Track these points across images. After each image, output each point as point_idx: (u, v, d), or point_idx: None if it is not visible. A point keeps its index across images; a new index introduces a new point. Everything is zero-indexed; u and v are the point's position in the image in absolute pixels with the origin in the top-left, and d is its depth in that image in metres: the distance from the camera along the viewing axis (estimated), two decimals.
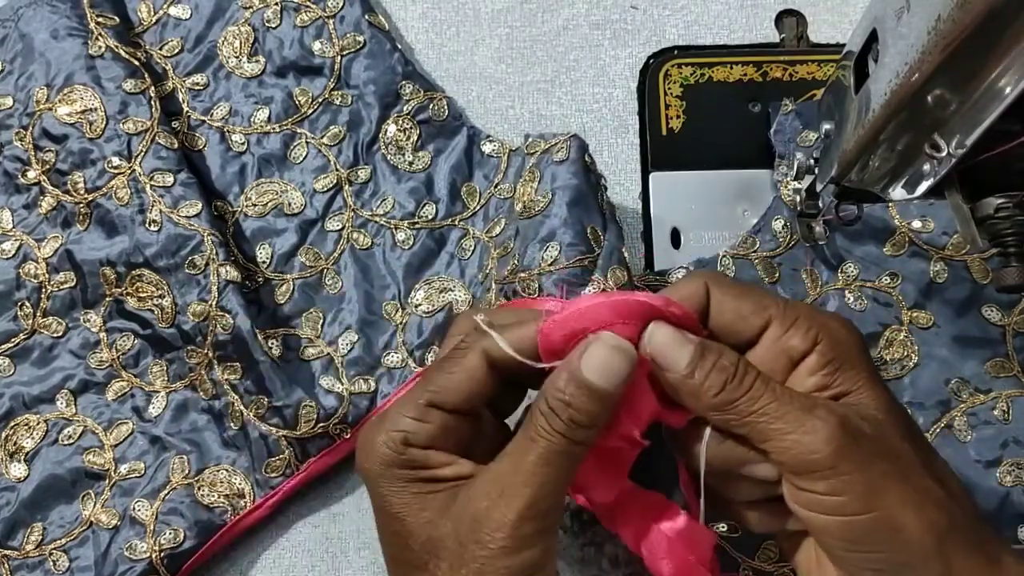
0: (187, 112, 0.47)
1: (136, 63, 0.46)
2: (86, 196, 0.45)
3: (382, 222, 0.46)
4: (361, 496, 0.44)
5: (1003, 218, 0.34)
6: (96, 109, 0.45)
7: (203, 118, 0.47)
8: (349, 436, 0.43)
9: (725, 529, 0.42)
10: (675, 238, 0.47)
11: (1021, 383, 0.44)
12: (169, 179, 0.44)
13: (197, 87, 0.47)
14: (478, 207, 0.46)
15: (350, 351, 0.45)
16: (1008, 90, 0.30)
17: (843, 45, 0.40)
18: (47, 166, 0.45)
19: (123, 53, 0.46)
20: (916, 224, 0.45)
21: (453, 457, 0.32)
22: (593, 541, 0.44)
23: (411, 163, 0.47)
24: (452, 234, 0.46)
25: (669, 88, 0.49)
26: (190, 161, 0.46)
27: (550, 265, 0.40)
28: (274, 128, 0.47)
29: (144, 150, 0.44)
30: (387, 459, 0.31)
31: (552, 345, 0.31)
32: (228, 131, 0.47)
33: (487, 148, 0.47)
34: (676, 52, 0.50)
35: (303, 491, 0.44)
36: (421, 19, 0.51)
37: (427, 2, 0.51)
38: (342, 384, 0.44)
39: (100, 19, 0.46)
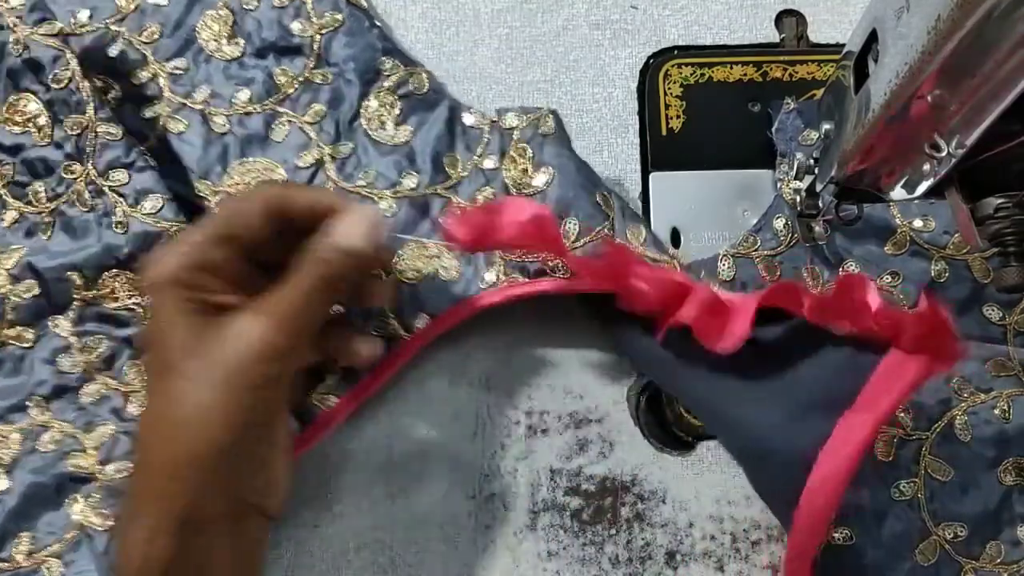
0: (168, 96, 0.47)
1: (56, 46, 0.45)
2: (48, 205, 0.44)
3: (364, 193, 0.46)
4: (361, 496, 0.44)
5: (1003, 218, 0.34)
6: (39, 114, 0.44)
7: (184, 101, 0.47)
8: (336, 406, 0.43)
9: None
10: (675, 238, 0.47)
11: (1022, 382, 0.44)
12: (123, 176, 0.44)
13: (178, 71, 0.47)
14: (461, 176, 0.46)
15: (336, 319, 0.44)
16: (1008, 90, 0.30)
17: (843, 45, 0.40)
18: (4, 179, 0.45)
19: (39, 38, 0.45)
20: (917, 223, 0.45)
21: (228, 287, 0.36)
22: (593, 541, 0.44)
23: (393, 137, 0.47)
24: (435, 203, 0.46)
25: (669, 88, 0.49)
26: (169, 145, 0.46)
27: (575, 241, 0.43)
28: (255, 108, 0.47)
29: (91, 148, 0.44)
30: (168, 277, 0.34)
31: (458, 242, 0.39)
32: (210, 113, 0.47)
33: (469, 120, 0.47)
34: (676, 52, 0.50)
35: (303, 491, 0.44)
36: (421, 19, 0.51)
37: (427, 2, 0.51)
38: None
39: (10, 4, 0.45)
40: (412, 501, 0.44)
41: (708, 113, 0.49)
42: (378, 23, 0.48)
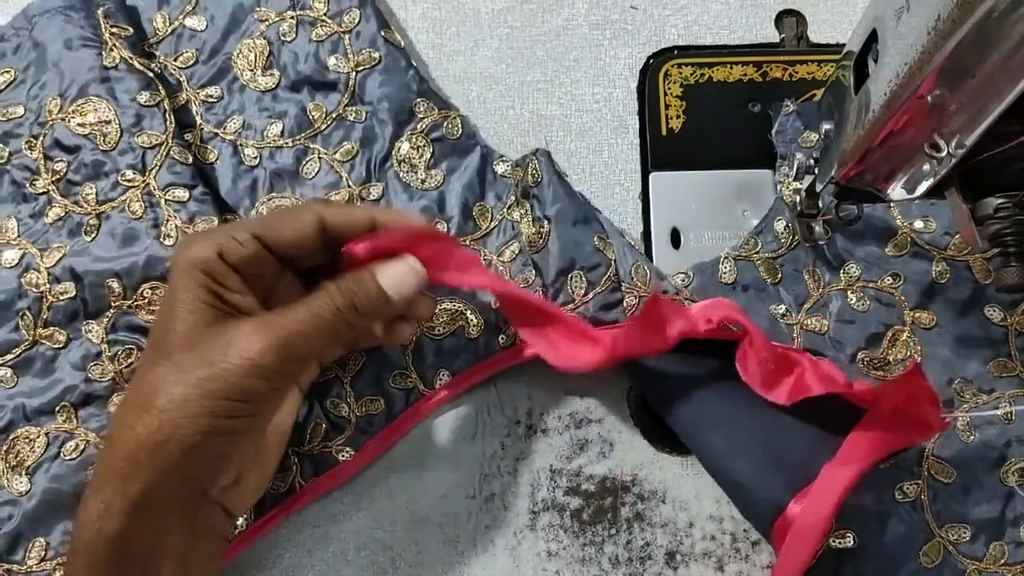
0: (200, 124, 0.47)
1: (150, 75, 0.45)
2: (97, 207, 0.44)
3: None
4: (361, 496, 0.44)
5: (1003, 218, 0.34)
6: (110, 121, 0.44)
7: (216, 131, 0.47)
8: (351, 458, 0.43)
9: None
10: (675, 238, 0.47)
11: (1023, 382, 0.44)
12: (184, 194, 0.44)
13: (211, 99, 0.47)
14: (490, 227, 0.46)
15: (358, 371, 0.44)
16: (1008, 90, 0.30)
17: (843, 45, 0.40)
18: (57, 176, 0.45)
19: (137, 65, 0.45)
20: (918, 224, 0.45)
21: (246, 290, 0.36)
22: (593, 541, 0.44)
23: (423, 181, 0.46)
24: None
25: (669, 88, 0.49)
26: (203, 174, 0.46)
27: (584, 296, 0.43)
28: (287, 143, 0.46)
29: (159, 164, 0.44)
30: (196, 261, 0.35)
31: (353, 254, 0.37)
32: (241, 144, 0.46)
33: (500, 168, 0.47)
34: (676, 52, 0.50)
35: None
36: (421, 19, 0.51)
37: (427, 2, 0.51)
38: (348, 406, 0.43)
39: (114, 30, 0.46)
40: (412, 501, 0.44)
41: (708, 113, 0.49)
42: (415, 64, 0.47)
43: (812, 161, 0.43)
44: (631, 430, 0.45)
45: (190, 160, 0.44)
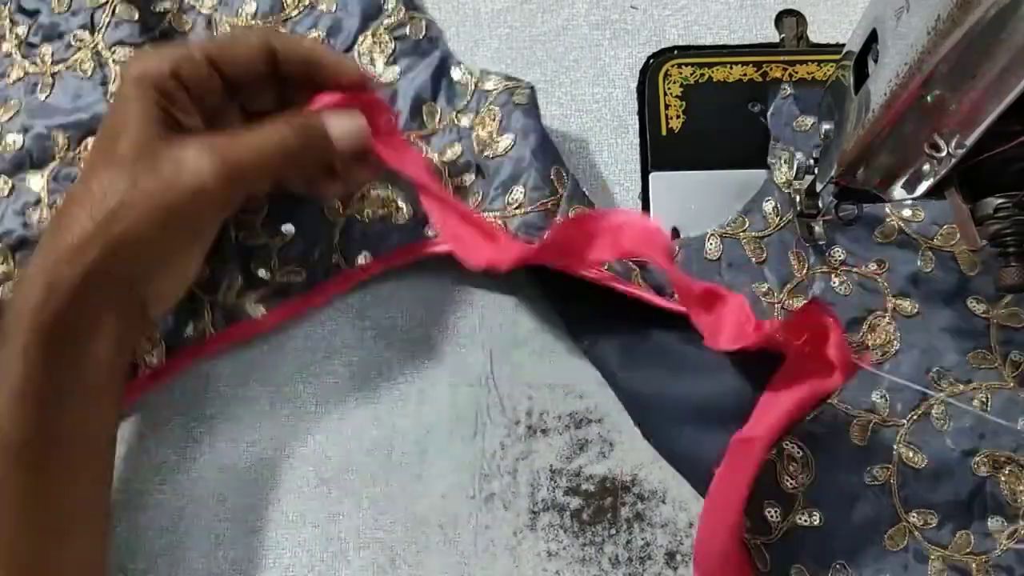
0: None
1: None
2: (51, 67, 0.46)
3: None
4: (361, 496, 0.44)
5: (1003, 218, 0.34)
6: None
7: (194, 3, 0.49)
8: (262, 317, 0.45)
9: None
10: (675, 238, 0.47)
11: (1002, 375, 0.44)
12: (130, 53, 0.46)
13: None
14: (435, 128, 0.47)
15: (287, 243, 0.45)
16: (1008, 90, 0.30)
17: (843, 45, 0.40)
18: (19, 39, 0.47)
19: None
20: (906, 213, 0.46)
21: (194, 112, 0.38)
22: (593, 541, 0.44)
23: (381, 75, 0.47)
24: None
25: (669, 88, 0.49)
26: (171, 40, 0.48)
27: (516, 208, 0.44)
28: (257, 22, 0.48)
29: (106, 22, 0.46)
30: (149, 74, 0.36)
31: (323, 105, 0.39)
32: (215, 19, 0.48)
33: (456, 75, 0.47)
34: (676, 52, 0.50)
35: (302, 489, 0.44)
36: None
37: (427, 2, 0.51)
38: (270, 271, 0.45)
39: None
40: (412, 501, 0.44)
41: (708, 113, 0.49)
42: None
43: (812, 161, 0.43)
44: (631, 430, 0.45)
45: (136, 17, 0.46)
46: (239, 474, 0.45)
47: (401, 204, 0.45)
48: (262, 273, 0.45)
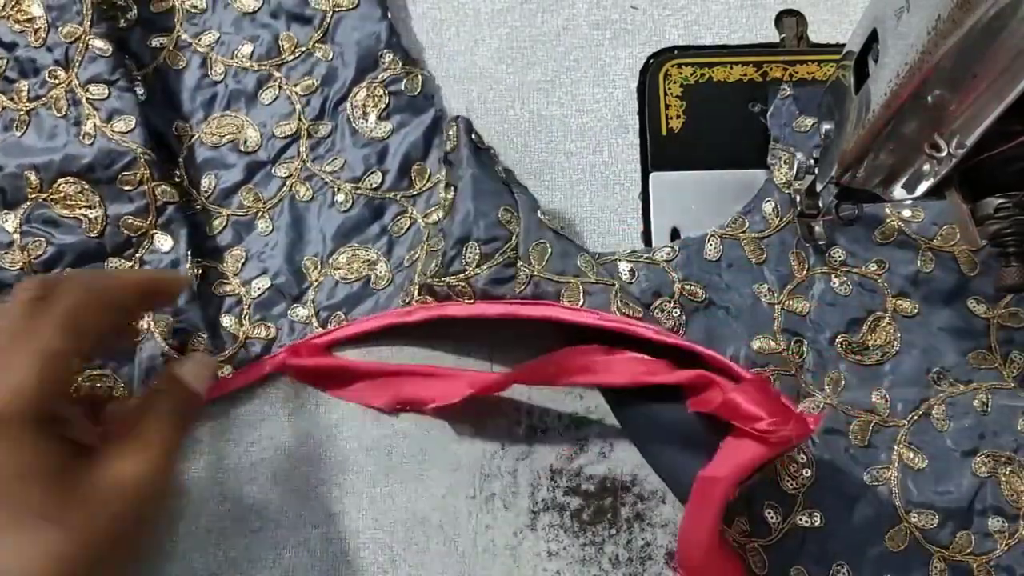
0: (178, 31, 0.48)
1: None
2: (27, 104, 0.46)
3: (327, 179, 0.47)
4: (361, 496, 0.44)
5: (1003, 218, 0.34)
6: (40, 17, 0.46)
7: (191, 40, 0.48)
8: (231, 376, 0.45)
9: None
10: (675, 238, 0.47)
11: (1002, 376, 0.44)
12: (103, 91, 0.45)
13: (195, 10, 0.49)
14: (424, 188, 0.47)
15: (260, 295, 0.46)
16: (1008, 90, 0.30)
17: (843, 45, 0.40)
18: None
19: None
20: (906, 213, 0.46)
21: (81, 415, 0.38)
22: (593, 541, 0.44)
23: (372, 130, 0.47)
24: (391, 208, 0.47)
25: (669, 88, 0.49)
26: (164, 78, 0.47)
27: (476, 268, 0.42)
28: (253, 65, 0.48)
29: (80, 59, 0.45)
30: (33, 408, 0.32)
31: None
32: (211, 58, 0.48)
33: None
34: (676, 52, 0.50)
35: (302, 489, 0.44)
36: (421, 19, 0.51)
37: (427, 2, 0.51)
38: (242, 327, 0.45)
39: None
40: (412, 501, 0.44)
41: (708, 113, 0.49)
42: (390, 17, 0.48)
43: (812, 161, 0.43)
44: None
45: (110, 52, 0.45)
46: (239, 474, 0.45)
47: (381, 269, 0.46)
48: (234, 328, 0.45)
